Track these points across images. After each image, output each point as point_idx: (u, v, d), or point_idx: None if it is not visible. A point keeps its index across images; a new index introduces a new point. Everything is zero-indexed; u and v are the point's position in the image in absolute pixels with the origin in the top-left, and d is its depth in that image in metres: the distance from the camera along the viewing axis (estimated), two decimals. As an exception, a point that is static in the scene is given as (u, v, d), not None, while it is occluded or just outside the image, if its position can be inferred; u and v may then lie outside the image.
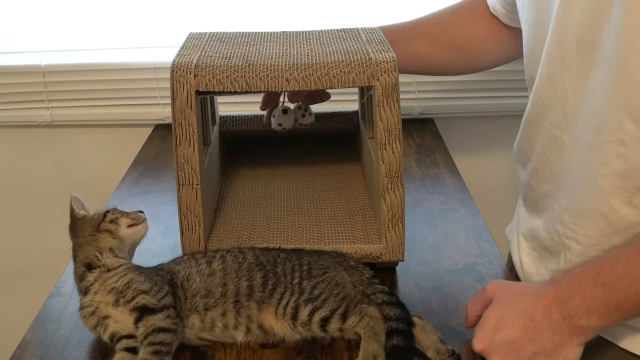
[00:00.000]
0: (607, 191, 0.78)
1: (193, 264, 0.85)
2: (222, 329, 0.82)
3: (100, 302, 0.81)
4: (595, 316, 0.71)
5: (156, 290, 0.80)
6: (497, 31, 1.13)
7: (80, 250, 0.86)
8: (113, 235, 0.86)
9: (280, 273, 0.84)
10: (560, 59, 0.82)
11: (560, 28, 0.82)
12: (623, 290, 0.70)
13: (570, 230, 0.84)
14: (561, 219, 0.85)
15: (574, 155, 0.83)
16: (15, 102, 1.55)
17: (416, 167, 1.31)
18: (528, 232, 0.96)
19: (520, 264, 0.97)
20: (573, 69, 0.81)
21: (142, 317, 0.79)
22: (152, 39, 1.49)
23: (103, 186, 1.36)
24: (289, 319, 0.81)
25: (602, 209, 0.79)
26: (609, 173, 0.78)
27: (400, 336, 0.78)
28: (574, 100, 0.82)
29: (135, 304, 0.79)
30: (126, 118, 1.56)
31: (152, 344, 0.76)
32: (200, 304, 0.81)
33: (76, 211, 0.88)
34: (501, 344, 0.74)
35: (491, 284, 0.81)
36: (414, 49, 1.17)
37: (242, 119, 1.29)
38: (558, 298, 0.73)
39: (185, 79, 0.88)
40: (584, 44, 0.78)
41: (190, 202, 0.92)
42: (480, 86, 1.54)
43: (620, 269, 0.71)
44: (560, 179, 0.86)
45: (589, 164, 0.80)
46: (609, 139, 0.77)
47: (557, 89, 0.84)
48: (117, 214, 0.88)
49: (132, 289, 0.80)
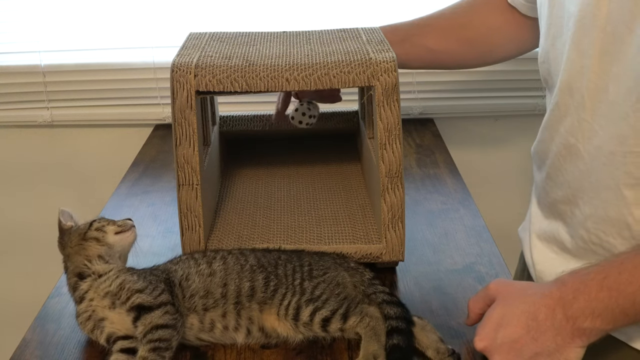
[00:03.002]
0: (630, 200, 0.78)
1: (192, 264, 0.85)
2: (222, 330, 0.81)
3: (97, 307, 0.81)
4: (599, 320, 0.71)
5: (151, 288, 0.80)
6: (514, 23, 1.11)
7: (69, 261, 0.86)
8: (100, 243, 0.86)
9: (282, 274, 0.84)
10: (579, 67, 0.82)
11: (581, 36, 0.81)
12: (629, 296, 0.70)
13: (596, 237, 0.83)
14: (585, 226, 0.84)
15: (593, 164, 0.82)
16: (15, 102, 1.55)
17: (416, 167, 1.31)
18: (544, 234, 0.95)
19: (532, 263, 0.96)
20: (593, 79, 0.80)
21: (140, 316, 0.79)
22: (152, 39, 1.49)
23: (103, 186, 1.36)
24: (290, 319, 0.81)
25: (625, 219, 0.79)
26: (633, 183, 0.77)
27: (400, 335, 0.78)
28: (591, 110, 0.81)
29: (132, 304, 0.79)
30: (126, 118, 1.56)
31: (150, 341, 0.76)
32: (199, 304, 0.81)
33: (63, 223, 0.88)
34: (503, 342, 0.74)
35: (494, 283, 0.81)
36: (428, 45, 1.16)
37: (242, 119, 1.29)
38: (563, 299, 0.73)
39: (185, 79, 0.88)
40: (607, 55, 0.78)
41: (190, 202, 0.92)
42: (480, 86, 1.54)
43: (627, 274, 0.71)
44: (576, 187, 0.86)
45: (612, 173, 0.79)
46: (634, 150, 0.76)
47: (574, 97, 0.84)
48: (104, 222, 0.88)
49: (126, 290, 0.80)
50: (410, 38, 1.14)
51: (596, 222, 0.83)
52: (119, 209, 1.17)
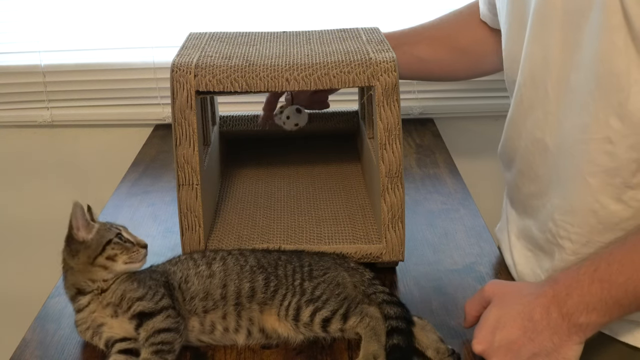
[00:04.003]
0: (595, 188, 0.79)
1: (191, 265, 0.85)
2: (222, 332, 0.81)
3: (97, 317, 0.80)
4: (595, 313, 0.72)
5: (151, 294, 0.80)
6: (492, 36, 1.12)
7: (70, 273, 0.82)
8: (107, 270, 0.81)
9: (282, 275, 0.84)
10: (541, 60, 0.83)
11: (541, 29, 0.82)
12: (621, 286, 0.71)
13: (563, 229, 0.84)
14: (553, 218, 0.85)
15: (560, 154, 0.83)
16: (15, 102, 1.55)
17: (416, 167, 1.31)
18: (520, 232, 0.96)
19: (513, 264, 0.97)
20: (555, 70, 0.81)
21: (142, 323, 0.78)
22: (152, 39, 1.49)
23: (103, 186, 1.36)
24: (291, 319, 0.81)
25: (592, 206, 0.80)
26: (596, 170, 0.78)
27: (400, 335, 0.78)
28: (555, 101, 0.82)
29: (133, 312, 0.79)
30: (126, 118, 1.56)
31: (153, 344, 0.76)
32: (199, 307, 0.81)
33: (75, 231, 0.81)
34: (500, 345, 0.75)
35: (489, 284, 0.81)
36: (418, 53, 1.18)
37: (242, 119, 1.29)
38: (556, 297, 0.74)
39: (185, 79, 0.88)
40: (567, 45, 0.79)
41: (190, 202, 0.92)
42: (480, 86, 1.54)
43: (617, 264, 0.72)
44: (546, 180, 0.87)
45: (576, 162, 0.80)
46: (595, 137, 0.77)
47: (538, 90, 0.85)
48: (117, 250, 0.81)
49: (127, 299, 0.79)
50: (401, 46, 1.14)
51: (562, 214, 0.84)
52: (119, 209, 1.17)
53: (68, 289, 0.83)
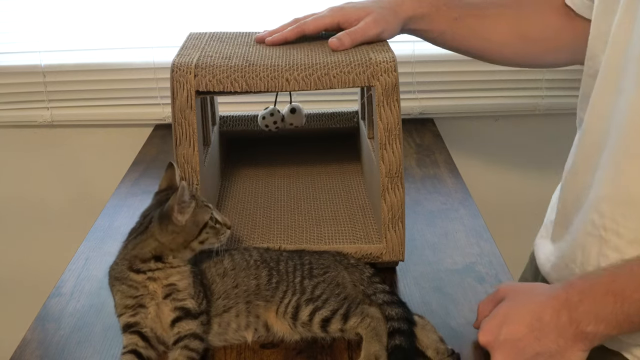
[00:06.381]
0: None
1: (211, 264, 0.85)
2: (235, 330, 0.82)
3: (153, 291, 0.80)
4: (603, 324, 0.71)
5: (198, 294, 0.80)
6: (570, 27, 1.01)
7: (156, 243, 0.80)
8: (194, 251, 0.82)
9: (283, 271, 0.84)
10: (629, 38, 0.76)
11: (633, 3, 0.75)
12: (635, 302, 0.69)
13: (611, 221, 0.78)
14: (598, 209, 0.79)
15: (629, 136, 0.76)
16: (15, 102, 1.55)
17: (416, 167, 1.31)
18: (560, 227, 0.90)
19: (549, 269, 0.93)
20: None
21: (181, 319, 0.78)
22: (152, 39, 1.49)
23: (103, 186, 1.36)
24: (289, 318, 0.81)
25: None
26: None
27: (402, 336, 0.78)
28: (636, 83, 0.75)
29: (183, 305, 0.79)
30: (126, 118, 1.56)
31: (187, 349, 0.77)
32: (220, 307, 0.82)
33: (175, 214, 0.80)
34: (506, 339, 0.74)
35: (503, 285, 0.82)
36: (481, 31, 1.06)
37: (242, 119, 1.29)
38: (569, 301, 0.72)
39: (185, 79, 0.88)
40: None
41: (190, 202, 0.92)
42: (480, 86, 1.54)
43: (636, 281, 0.70)
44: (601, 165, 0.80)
45: None
46: None
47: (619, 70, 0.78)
48: (210, 234, 0.82)
49: (186, 292, 0.79)
50: (465, 19, 1.03)
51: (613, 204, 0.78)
52: (119, 208, 1.17)
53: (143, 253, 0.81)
